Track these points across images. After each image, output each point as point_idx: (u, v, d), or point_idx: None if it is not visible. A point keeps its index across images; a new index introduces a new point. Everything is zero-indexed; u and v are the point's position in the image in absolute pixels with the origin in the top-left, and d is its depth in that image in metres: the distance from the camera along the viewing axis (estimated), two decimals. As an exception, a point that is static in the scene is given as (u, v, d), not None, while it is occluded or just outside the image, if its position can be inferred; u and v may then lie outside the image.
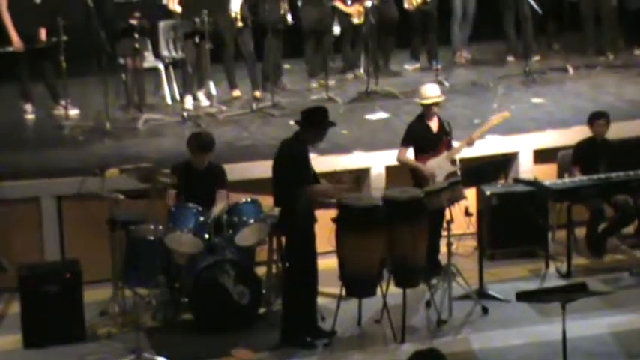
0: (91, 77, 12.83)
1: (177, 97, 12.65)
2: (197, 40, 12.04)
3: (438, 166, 9.83)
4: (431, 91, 9.89)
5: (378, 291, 8.79)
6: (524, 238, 10.31)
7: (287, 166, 8.52)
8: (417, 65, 13.97)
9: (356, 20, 13.23)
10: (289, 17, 12.59)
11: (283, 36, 12.88)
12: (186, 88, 12.41)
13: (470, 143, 9.97)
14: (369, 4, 12.86)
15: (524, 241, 10.35)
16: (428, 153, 9.85)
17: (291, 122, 9.45)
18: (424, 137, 9.87)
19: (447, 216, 9.21)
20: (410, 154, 9.91)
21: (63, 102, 11.98)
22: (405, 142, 9.89)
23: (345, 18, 13.35)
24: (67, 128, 11.62)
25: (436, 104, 9.88)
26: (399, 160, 9.95)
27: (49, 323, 8.73)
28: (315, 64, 13.28)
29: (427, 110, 9.86)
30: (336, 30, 13.46)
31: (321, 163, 10.00)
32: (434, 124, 9.90)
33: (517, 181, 10.60)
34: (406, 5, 13.64)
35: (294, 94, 12.87)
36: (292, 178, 8.45)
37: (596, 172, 10.19)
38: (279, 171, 8.58)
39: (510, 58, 14.29)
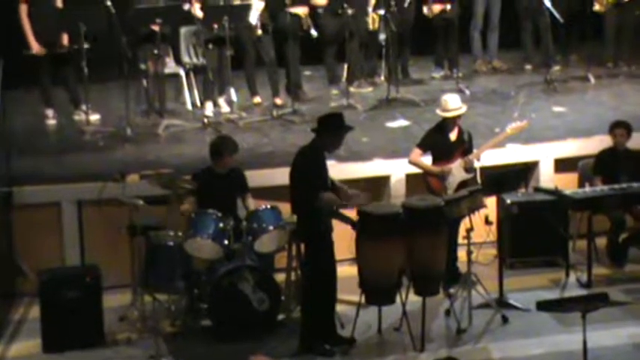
0: (112, 83, 12.88)
1: (198, 103, 12.65)
2: (218, 46, 12.06)
3: (451, 174, 9.81)
4: (453, 104, 9.81)
5: (398, 299, 8.78)
6: (545, 247, 10.29)
7: (303, 173, 8.53)
8: (443, 73, 13.93)
9: (370, 27, 13.19)
10: (313, 31, 12.53)
11: (302, 43, 12.84)
12: (206, 94, 12.41)
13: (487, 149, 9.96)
14: (382, 12, 12.84)
15: (545, 251, 10.32)
16: (442, 160, 9.82)
17: (309, 129, 9.45)
18: (440, 145, 9.84)
19: (468, 224, 9.17)
20: (425, 159, 9.88)
21: (84, 107, 11.98)
22: (420, 145, 9.87)
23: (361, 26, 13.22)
24: (87, 133, 11.63)
25: (458, 117, 9.85)
26: (410, 161, 9.91)
27: (69, 328, 8.76)
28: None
29: (448, 121, 9.83)
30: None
31: (340, 170, 10.01)
32: (453, 133, 9.88)
33: (538, 189, 10.55)
34: (425, 11, 13.60)
35: (314, 101, 12.86)
36: (308, 185, 8.45)
37: (618, 181, 10.13)
38: (296, 178, 8.59)
39: (528, 67, 14.23)
